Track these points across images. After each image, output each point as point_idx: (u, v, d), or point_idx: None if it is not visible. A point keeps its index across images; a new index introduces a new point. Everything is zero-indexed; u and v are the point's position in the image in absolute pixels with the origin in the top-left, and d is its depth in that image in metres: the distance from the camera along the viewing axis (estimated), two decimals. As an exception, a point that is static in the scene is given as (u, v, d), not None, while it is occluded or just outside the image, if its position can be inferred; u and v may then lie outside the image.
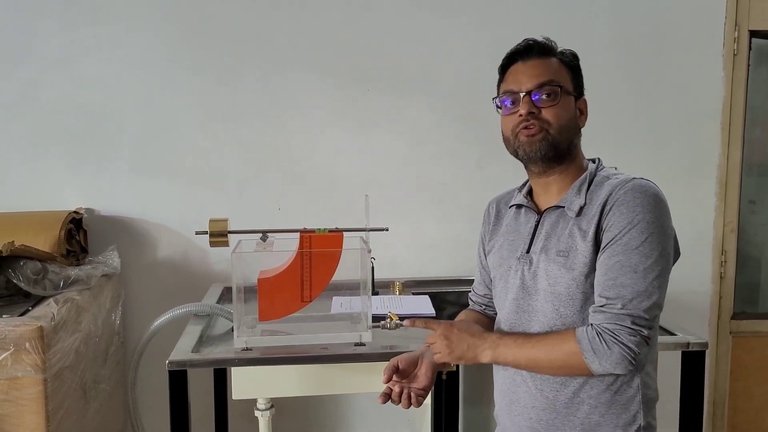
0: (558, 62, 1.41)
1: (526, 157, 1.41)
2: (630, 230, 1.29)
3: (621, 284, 1.28)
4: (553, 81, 1.38)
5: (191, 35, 2.53)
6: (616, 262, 1.29)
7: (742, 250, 2.87)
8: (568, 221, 1.38)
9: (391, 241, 2.50)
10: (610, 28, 2.68)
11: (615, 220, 1.30)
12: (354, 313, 2.01)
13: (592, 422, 1.36)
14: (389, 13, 2.60)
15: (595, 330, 1.29)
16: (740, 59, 2.74)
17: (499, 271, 1.51)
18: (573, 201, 1.39)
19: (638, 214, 1.29)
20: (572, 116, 1.41)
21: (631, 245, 1.28)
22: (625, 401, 1.36)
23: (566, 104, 1.39)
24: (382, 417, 2.73)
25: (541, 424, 1.40)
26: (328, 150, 2.63)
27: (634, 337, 1.26)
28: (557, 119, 1.37)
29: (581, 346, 1.29)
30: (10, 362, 1.75)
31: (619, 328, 1.27)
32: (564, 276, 1.35)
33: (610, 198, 1.33)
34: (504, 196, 1.61)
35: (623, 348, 1.26)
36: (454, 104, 2.65)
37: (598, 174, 1.42)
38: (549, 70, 1.39)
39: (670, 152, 2.75)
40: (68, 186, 2.53)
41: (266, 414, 1.99)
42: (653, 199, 1.32)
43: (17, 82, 2.48)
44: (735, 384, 2.90)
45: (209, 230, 1.78)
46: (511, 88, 1.41)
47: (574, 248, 1.35)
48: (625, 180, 1.36)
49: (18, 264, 2.02)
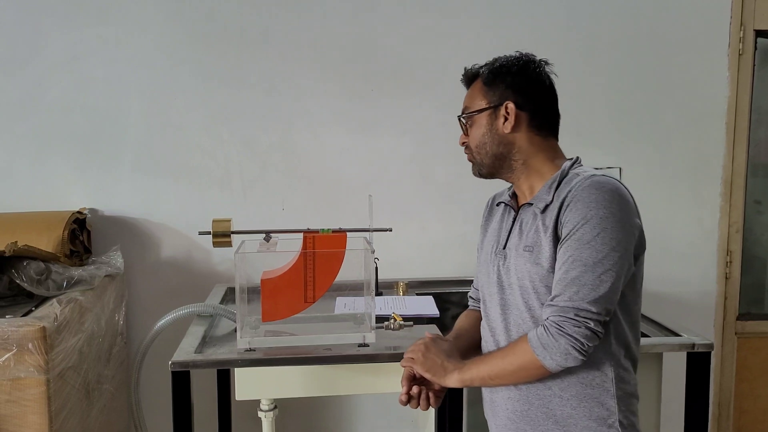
0: (478, 84, 1.52)
1: None
2: (583, 225, 1.32)
3: (570, 278, 1.31)
4: (466, 108, 1.54)
5: (196, 36, 2.53)
6: (568, 257, 1.32)
7: (747, 250, 2.85)
8: (536, 218, 1.42)
9: (395, 242, 2.49)
10: (614, 27, 2.67)
11: (571, 216, 1.34)
12: (357, 314, 2.00)
13: (564, 414, 1.39)
14: (394, 13, 2.59)
15: (543, 326, 1.33)
16: (745, 59, 2.73)
17: (483, 266, 1.56)
18: (542, 198, 1.42)
19: (591, 209, 1.32)
20: (484, 132, 1.49)
21: (583, 240, 1.31)
22: (597, 395, 1.37)
23: (478, 125, 1.50)
24: (385, 418, 2.72)
25: (516, 415, 1.44)
26: (332, 150, 2.62)
27: (579, 328, 1.29)
28: (473, 141, 1.52)
29: (532, 344, 1.33)
30: (12, 363, 1.75)
31: (564, 320, 1.30)
32: (530, 270, 1.39)
33: (569, 194, 1.36)
34: (501, 192, 1.66)
35: (569, 339, 1.29)
36: (459, 104, 2.62)
37: (570, 172, 1.44)
38: (468, 98, 1.56)
39: (675, 152, 2.74)
40: (73, 186, 2.53)
41: (270, 415, 1.98)
42: (609, 195, 1.33)
43: (22, 82, 2.48)
44: (740, 385, 2.89)
45: (212, 230, 1.77)
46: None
47: (538, 243, 1.39)
48: (585, 177, 1.38)
49: (21, 264, 2.02)
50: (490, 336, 1.50)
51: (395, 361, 1.75)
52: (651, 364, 1.90)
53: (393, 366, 1.77)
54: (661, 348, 1.88)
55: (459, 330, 1.64)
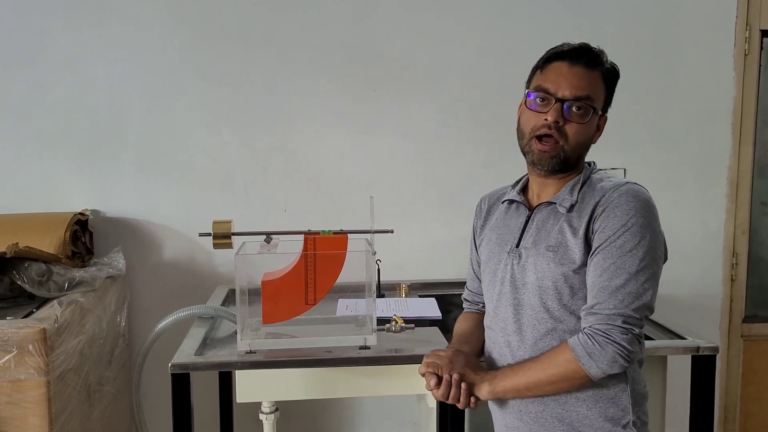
0: (600, 76, 1.40)
1: (533, 163, 1.43)
2: (624, 233, 1.32)
3: (615, 286, 1.30)
4: (590, 97, 1.37)
5: (198, 37, 2.52)
6: (610, 264, 1.31)
7: (753, 252, 2.83)
8: (559, 217, 1.40)
9: (397, 243, 2.48)
10: (620, 27, 2.65)
11: (609, 223, 1.33)
12: (359, 316, 1.99)
13: (579, 415, 1.38)
14: (396, 14, 2.58)
15: (586, 334, 1.31)
16: (751, 59, 2.70)
17: (488, 265, 1.53)
18: (565, 198, 1.41)
19: (632, 217, 1.32)
20: (590, 135, 1.43)
21: (625, 248, 1.31)
22: (613, 395, 1.37)
23: (590, 123, 1.40)
24: (387, 420, 2.71)
25: (530, 416, 1.42)
26: (334, 151, 2.61)
27: (626, 335, 1.29)
28: (576, 137, 1.39)
29: (576, 353, 1.31)
30: (13, 364, 1.75)
31: (611, 328, 1.29)
32: (553, 270, 1.37)
33: (603, 200, 1.36)
34: (496, 192, 1.64)
35: (617, 347, 1.29)
36: (461, 105, 2.63)
37: (591, 176, 1.44)
38: (590, 85, 1.38)
39: (680, 153, 2.72)
40: (74, 187, 2.53)
41: (271, 417, 1.97)
42: (646, 204, 1.35)
43: (24, 83, 2.48)
44: (747, 388, 2.87)
45: (212, 232, 1.76)
46: (548, 86, 1.38)
47: (563, 244, 1.37)
48: (619, 183, 1.39)
49: (22, 265, 2.02)
50: (498, 336, 1.47)
51: (397, 363, 1.74)
52: (656, 367, 1.89)
53: (394, 368, 1.76)
54: (666, 351, 1.86)
55: (463, 335, 1.61)
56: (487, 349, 1.53)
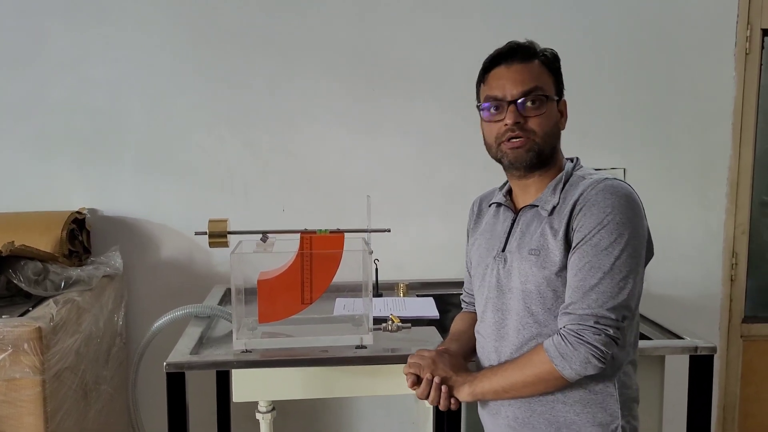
0: (540, 65, 1.40)
1: (509, 165, 1.41)
2: (600, 231, 1.29)
3: (588, 285, 1.28)
4: (538, 88, 1.37)
5: (197, 37, 2.52)
6: (585, 263, 1.29)
7: (753, 252, 2.82)
8: (542, 220, 1.39)
9: (396, 243, 2.48)
10: (620, 27, 2.64)
11: (585, 221, 1.31)
12: (356, 316, 1.99)
13: (567, 420, 1.36)
14: (396, 14, 2.57)
15: (560, 335, 1.30)
16: (752, 59, 2.69)
17: (477, 269, 1.52)
18: (547, 200, 1.39)
19: (608, 214, 1.29)
20: (555, 122, 1.41)
21: (600, 246, 1.28)
22: (601, 400, 1.35)
23: (550, 111, 1.39)
24: (384, 419, 2.71)
25: (517, 422, 1.41)
26: (334, 151, 2.61)
27: (599, 335, 1.26)
28: (542, 128, 1.37)
29: (549, 354, 1.30)
30: (8, 363, 1.74)
31: (583, 328, 1.27)
32: (535, 274, 1.36)
33: (581, 198, 1.33)
34: (488, 194, 1.62)
35: (589, 347, 1.26)
36: (461, 105, 2.61)
37: (574, 174, 1.42)
38: (532, 76, 1.37)
39: (680, 153, 2.71)
40: (73, 186, 2.53)
41: (267, 417, 1.97)
42: (624, 200, 1.31)
43: (24, 83, 2.48)
44: (746, 389, 2.85)
45: (208, 231, 1.75)
46: (495, 94, 1.39)
47: (545, 247, 1.35)
48: (597, 180, 1.35)
49: (19, 264, 2.01)
50: (487, 341, 1.47)
51: (393, 363, 1.73)
52: (653, 367, 1.88)
53: (391, 368, 1.75)
54: (664, 351, 1.85)
55: (456, 333, 1.62)
56: (478, 354, 1.53)
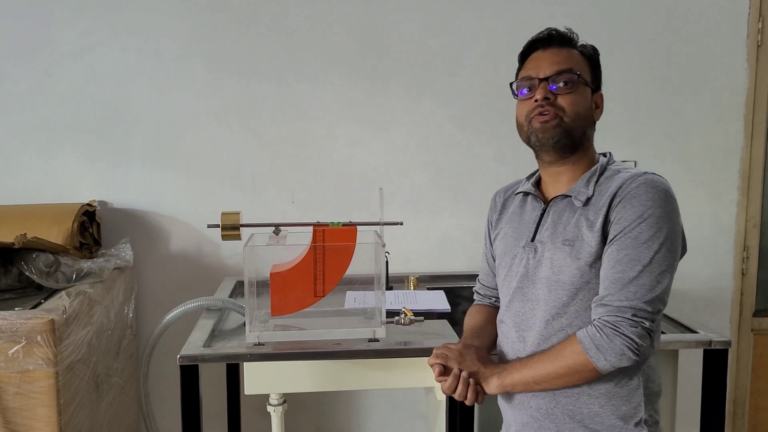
0: (578, 53, 1.43)
1: (538, 144, 1.41)
2: (640, 224, 1.29)
3: (628, 278, 1.28)
4: (572, 69, 1.39)
5: (206, 27, 2.51)
6: (624, 255, 1.29)
7: (765, 245, 2.80)
8: (575, 211, 1.39)
9: (406, 236, 2.48)
10: (631, 18, 2.62)
11: (625, 213, 1.31)
12: (368, 309, 1.98)
13: (591, 413, 1.36)
14: (407, 4, 2.55)
15: (595, 326, 1.30)
16: (764, 50, 2.67)
17: (504, 259, 1.51)
18: (581, 191, 1.39)
19: (649, 208, 1.30)
20: (588, 106, 1.42)
21: (640, 239, 1.29)
22: (626, 393, 1.35)
23: (582, 94, 1.40)
24: (395, 413, 2.71)
25: (540, 413, 1.40)
26: (343, 143, 2.60)
27: (636, 328, 1.27)
28: (572, 107, 1.38)
29: (584, 345, 1.30)
30: (21, 355, 1.75)
31: (620, 320, 1.27)
32: (569, 265, 1.36)
33: (620, 191, 1.34)
34: (511, 185, 1.63)
35: (625, 339, 1.26)
36: (471, 97, 2.61)
37: (608, 167, 1.43)
38: (568, 59, 1.41)
39: (692, 145, 2.69)
40: (82, 178, 2.53)
41: (279, 409, 1.97)
42: (664, 195, 1.32)
43: (32, 73, 2.47)
44: (756, 382, 2.84)
45: (221, 223, 1.75)
46: (528, 74, 1.42)
47: (580, 238, 1.35)
48: (637, 174, 1.36)
49: (30, 256, 2.02)
50: (515, 332, 1.45)
51: (406, 356, 1.73)
52: (667, 361, 1.87)
53: (403, 361, 1.75)
54: (678, 345, 1.85)
55: (475, 329, 1.59)
56: (500, 343, 1.52)
